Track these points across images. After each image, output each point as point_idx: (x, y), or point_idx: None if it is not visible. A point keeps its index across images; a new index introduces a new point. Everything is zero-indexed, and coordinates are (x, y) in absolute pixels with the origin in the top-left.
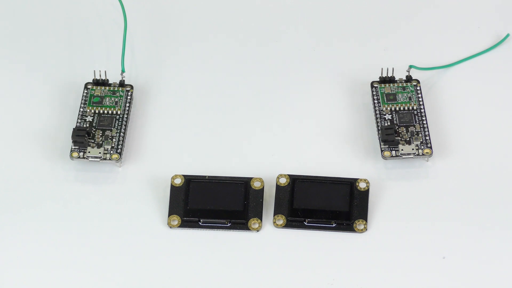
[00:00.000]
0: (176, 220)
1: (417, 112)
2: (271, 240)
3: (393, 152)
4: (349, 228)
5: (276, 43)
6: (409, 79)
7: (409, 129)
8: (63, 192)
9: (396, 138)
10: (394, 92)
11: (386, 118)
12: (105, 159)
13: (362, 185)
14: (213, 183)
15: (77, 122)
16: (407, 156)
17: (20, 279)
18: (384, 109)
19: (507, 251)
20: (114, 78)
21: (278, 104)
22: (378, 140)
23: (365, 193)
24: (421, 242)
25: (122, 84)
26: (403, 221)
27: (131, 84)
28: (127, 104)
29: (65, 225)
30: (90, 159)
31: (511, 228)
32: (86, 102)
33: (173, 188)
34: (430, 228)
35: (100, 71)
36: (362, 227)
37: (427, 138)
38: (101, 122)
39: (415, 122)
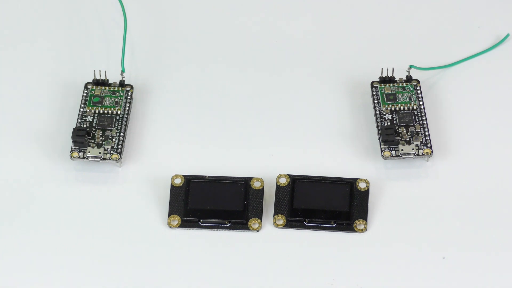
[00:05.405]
0: (176, 220)
1: (417, 112)
2: (271, 240)
3: (393, 152)
4: (349, 228)
5: (276, 42)
6: (409, 79)
7: (409, 129)
8: (63, 192)
9: (396, 138)
10: (394, 92)
11: (386, 118)
12: (105, 159)
13: (362, 185)
14: (213, 183)
15: (77, 122)
16: (407, 156)
17: (20, 279)
18: (384, 109)
19: (507, 251)
20: (114, 78)
21: (278, 104)
22: (378, 140)
23: (365, 193)
24: (421, 242)
25: (122, 84)
26: (403, 221)
27: (131, 84)
28: (127, 104)
29: (65, 225)
30: (90, 159)
31: (511, 228)
32: (86, 102)
33: (173, 188)
34: (430, 228)
35: (100, 71)
36: (362, 227)
37: (427, 138)
38: (101, 122)
39: (415, 122)
